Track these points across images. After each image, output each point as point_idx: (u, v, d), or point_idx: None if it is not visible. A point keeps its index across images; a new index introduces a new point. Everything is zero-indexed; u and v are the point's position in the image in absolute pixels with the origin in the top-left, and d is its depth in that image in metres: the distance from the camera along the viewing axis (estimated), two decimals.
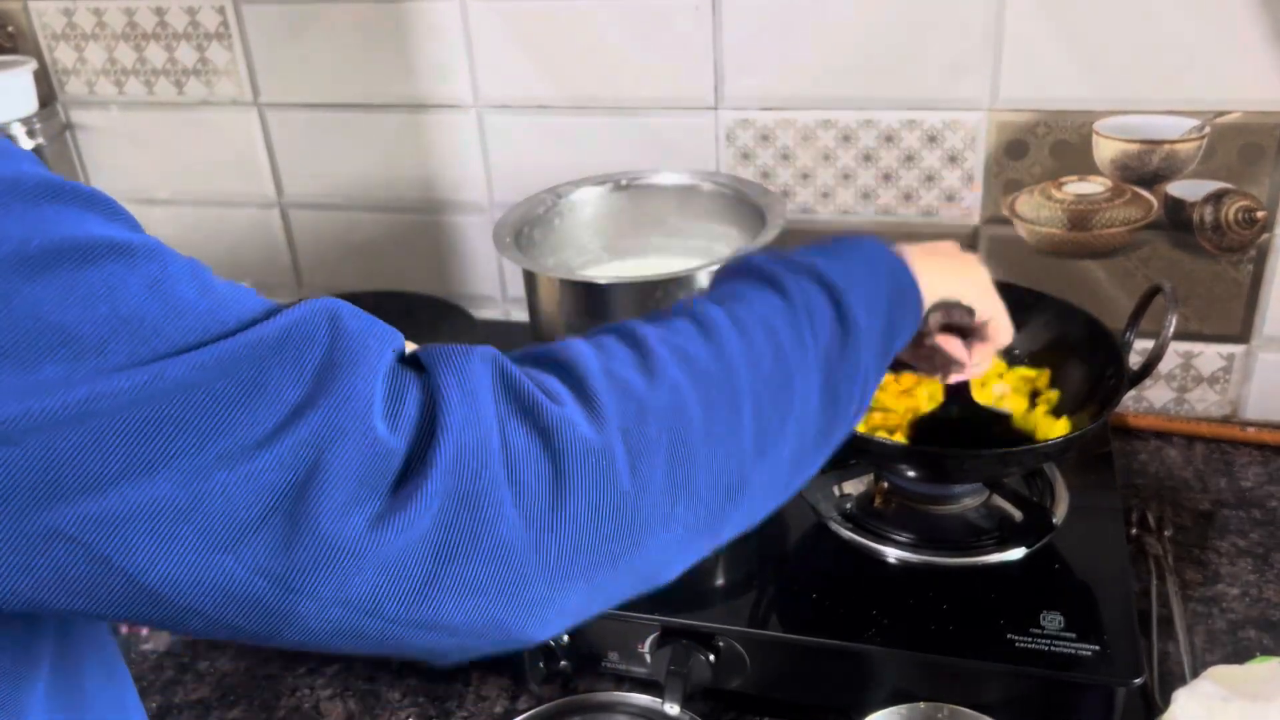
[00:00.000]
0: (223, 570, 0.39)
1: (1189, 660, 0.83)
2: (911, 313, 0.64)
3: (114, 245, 0.39)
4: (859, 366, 0.57)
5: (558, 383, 0.47)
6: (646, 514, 0.46)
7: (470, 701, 0.85)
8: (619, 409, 0.47)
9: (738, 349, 0.52)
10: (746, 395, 0.51)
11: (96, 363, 0.37)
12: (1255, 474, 1.04)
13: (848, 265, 0.60)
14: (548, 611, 0.45)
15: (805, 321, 0.56)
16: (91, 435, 0.36)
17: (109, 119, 1.33)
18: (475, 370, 0.45)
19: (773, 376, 0.53)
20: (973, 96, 1.05)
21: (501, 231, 1.00)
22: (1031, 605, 0.78)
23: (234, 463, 0.38)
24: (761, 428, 0.52)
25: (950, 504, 0.89)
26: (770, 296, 0.56)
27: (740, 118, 1.12)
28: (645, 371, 0.49)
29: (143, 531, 0.38)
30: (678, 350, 0.51)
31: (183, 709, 0.86)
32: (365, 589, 0.41)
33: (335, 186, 1.29)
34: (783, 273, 0.58)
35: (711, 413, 0.50)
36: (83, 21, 1.27)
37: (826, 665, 0.79)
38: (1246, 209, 1.03)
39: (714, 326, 0.53)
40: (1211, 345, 1.10)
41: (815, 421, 0.55)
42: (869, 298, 0.59)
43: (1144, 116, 1.02)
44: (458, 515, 0.42)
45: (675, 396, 0.49)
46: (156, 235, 0.42)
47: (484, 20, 1.14)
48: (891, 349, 0.62)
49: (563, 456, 0.44)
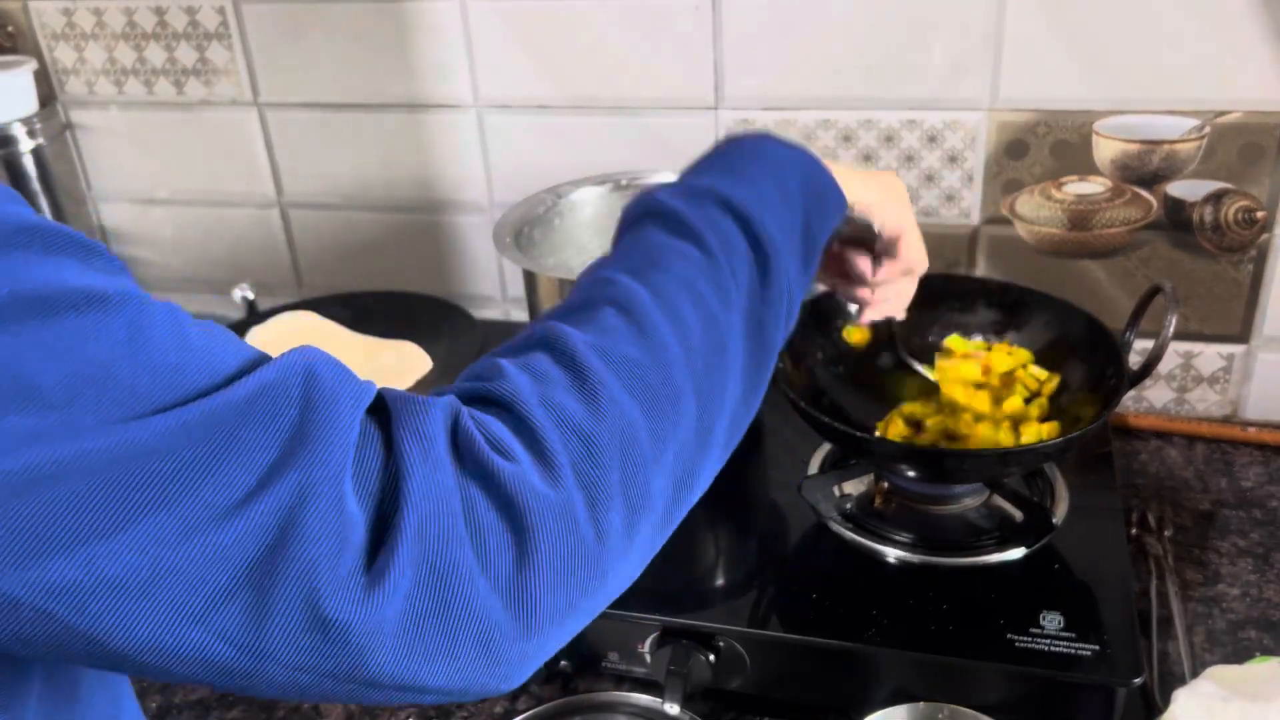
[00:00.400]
0: (190, 641, 0.38)
1: (1189, 660, 0.83)
2: (833, 204, 0.62)
3: (89, 295, 0.37)
4: (782, 294, 0.56)
5: (506, 431, 0.46)
6: (610, 552, 0.46)
7: (470, 701, 0.85)
8: (569, 451, 0.46)
9: (669, 333, 0.51)
10: (686, 381, 0.51)
11: (61, 419, 0.35)
12: (1255, 474, 1.04)
13: (752, 179, 0.58)
14: (523, 662, 0.45)
15: (725, 269, 0.54)
16: (53, 499, 0.35)
17: (109, 119, 1.33)
18: (436, 431, 0.44)
19: (706, 347, 0.52)
20: (973, 96, 1.05)
21: (501, 231, 1.00)
22: (1031, 605, 0.78)
23: (202, 531, 0.37)
24: (703, 409, 0.51)
25: (950, 504, 0.89)
26: (687, 248, 0.54)
27: (740, 118, 1.12)
28: (585, 396, 0.48)
29: (106, 602, 0.36)
30: (611, 357, 0.49)
31: (183, 709, 0.86)
32: (339, 659, 0.40)
33: (335, 186, 1.29)
34: (692, 212, 0.56)
35: (656, 416, 0.49)
36: (82, 21, 1.27)
37: (826, 665, 0.79)
38: (1246, 209, 1.03)
39: (642, 313, 0.51)
40: (1211, 345, 1.10)
41: (745, 370, 0.55)
42: (780, 209, 0.58)
43: (1144, 116, 1.02)
44: (429, 586, 0.41)
45: (619, 416, 0.48)
46: (157, 235, 0.42)
47: (484, 20, 1.14)
48: (814, 255, 0.60)
49: (523, 517, 0.44)
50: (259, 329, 1.11)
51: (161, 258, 1.39)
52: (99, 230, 1.38)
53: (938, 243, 1.13)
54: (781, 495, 0.93)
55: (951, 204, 1.11)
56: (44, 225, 0.38)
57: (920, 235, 0.73)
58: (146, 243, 1.38)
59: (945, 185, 1.10)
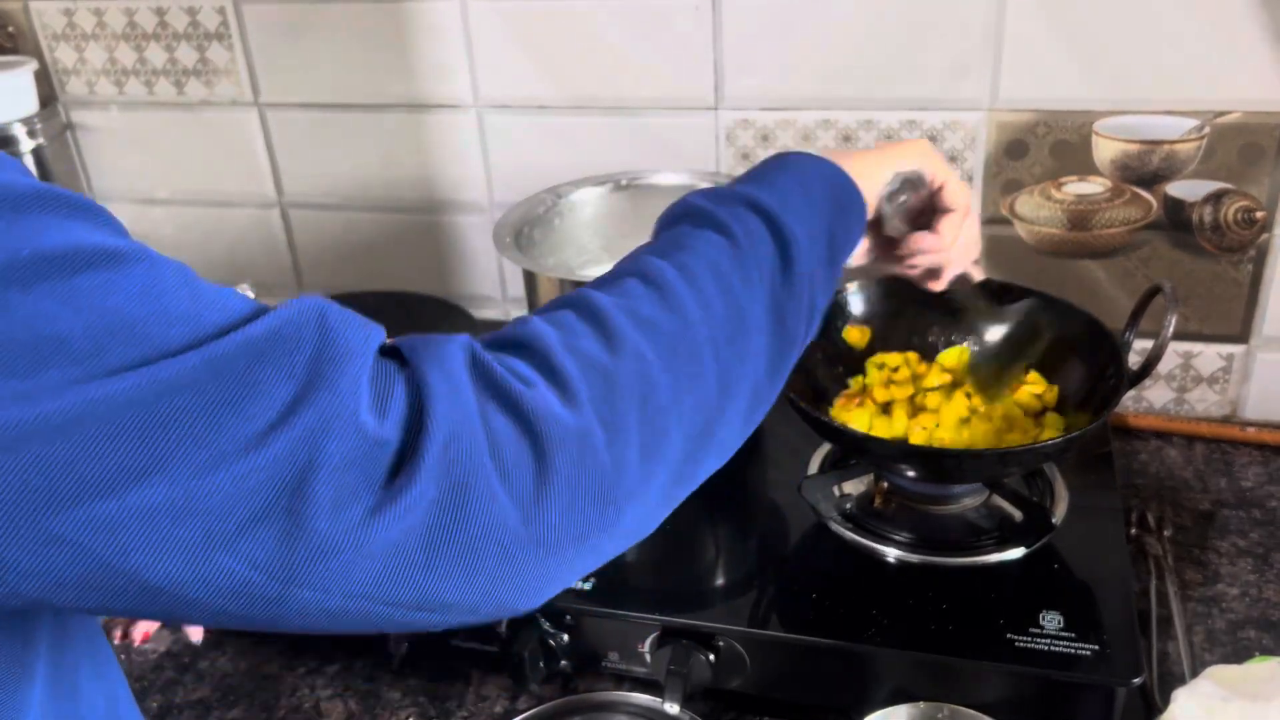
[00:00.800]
0: (222, 567, 0.40)
1: (1188, 660, 0.83)
2: (856, 215, 0.66)
3: (104, 251, 0.39)
4: (804, 286, 0.59)
5: (526, 366, 0.49)
6: (627, 484, 0.48)
7: (470, 701, 0.85)
8: (588, 386, 0.48)
9: (690, 301, 0.54)
10: (705, 345, 0.53)
11: (90, 368, 0.37)
12: (1255, 474, 1.04)
13: (780, 187, 0.61)
14: (541, 582, 0.47)
15: (749, 255, 0.57)
16: (86, 441, 0.37)
17: (109, 119, 1.33)
18: (453, 360, 0.46)
19: (726, 318, 0.54)
20: (973, 96, 1.05)
21: (501, 231, 1.00)
22: (1031, 605, 0.78)
23: (228, 462, 0.39)
24: (723, 372, 0.53)
25: (950, 504, 0.89)
26: (712, 235, 0.58)
27: (740, 118, 1.12)
28: (607, 343, 0.50)
29: (140, 534, 0.38)
30: (634, 315, 0.52)
31: (183, 709, 0.86)
32: (364, 578, 0.42)
33: (335, 186, 1.29)
34: (718, 209, 0.59)
35: (676, 371, 0.51)
36: (83, 22, 1.27)
37: (826, 665, 0.79)
38: (1246, 209, 1.03)
39: (664, 282, 0.54)
40: (1211, 345, 1.10)
41: (768, 351, 0.57)
42: (806, 214, 0.61)
43: (1144, 117, 1.02)
44: (451, 502, 0.43)
45: (639, 364, 0.50)
46: (157, 235, 0.43)
47: (484, 20, 1.14)
48: (839, 260, 0.64)
49: (543, 438, 0.46)
50: None
51: None
52: None
53: None
54: (781, 495, 0.93)
55: None
56: (54, 191, 0.40)
57: (958, 175, 0.76)
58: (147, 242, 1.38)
59: None
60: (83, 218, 0.40)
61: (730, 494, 0.92)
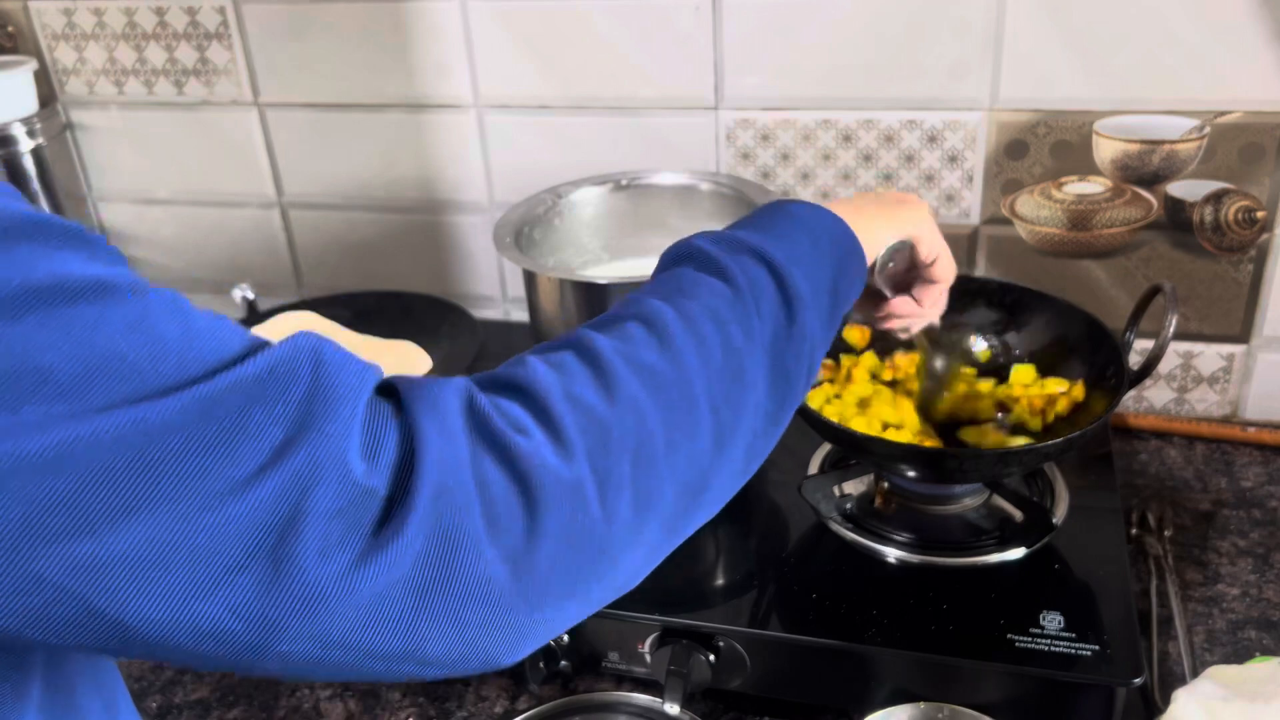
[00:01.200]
0: (204, 613, 0.39)
1: (1189, 660, 0.83)
2: (858, 274, 0.66)
3: (96, 283, 0.38)
4: (805, 341, 0.58)
5: (523, 412, 0.47)
6: (617, 537, 0.48)
7: (470, 702, 0.85)
8: (584, 436, 0.47)
9: (690, 348, 0.53)
10: (702, 395, 0.52)
11: (77, 404, 0.36)
12: (1255, 474, 1.04)
13: (788, 238, 0.61)
14: (529, 635, 0.46)
15: (752, 305, 0.56)
16: (72, 480, 0.36)
17: (109, 119, 1.33)
18: (449, 406, 0.45)
19: (725, 369, 0.54)
20: (973, 96, 1.05)
21: (501, 231, 1.00)
22: (1031, 605, 0.78)
23: (214, 507, 0.38)
24: (719, 424, 0.53)
25: (950, 504, 0.89)
26: (715, 283, 0.57)
27: (740, 118, 1.12)
28: (604, 391, 0.49)
29: (124, 577, 0.37)
30: (633, 361, 0.51)
31: (183, 709, 0.86)
32: (348, 628, 0.41)
33: (335, 186, 1.29)
34: (724, 256, 0.58)
35: (672, 422, 0.50)
36: (83, 21, 1.27)
37: (826, 665, 0.79)
38: (1246, 209, 1.03)
39: (664, 328, 0.53)
40: (1211, 345, 1.10)
41: (766, 404, 0.56)
42: (813, 270, 0.60)
43: (1144, 117, 1.02)
44: (439, 554, 0.42)
45: (636, 414, 0.49)
46: (157, 235, 0.42)
47: (484, 20, 1.14)
48: (839, 315, 0.63)
49: (535, 490, 0.45)
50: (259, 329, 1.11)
51: (162, 258, 1.39)
52: (99, 230, 1.38)
53: None
54: (781, 495, 0.93)
55: (951, 204, 1.11)
56: (47, 219, 0.39)
57: (947, 247, 0.76)
58: (147, 243, 1.39)
59: (945, 185, 1.10)
60: (75, 247, 0.39)
61: None
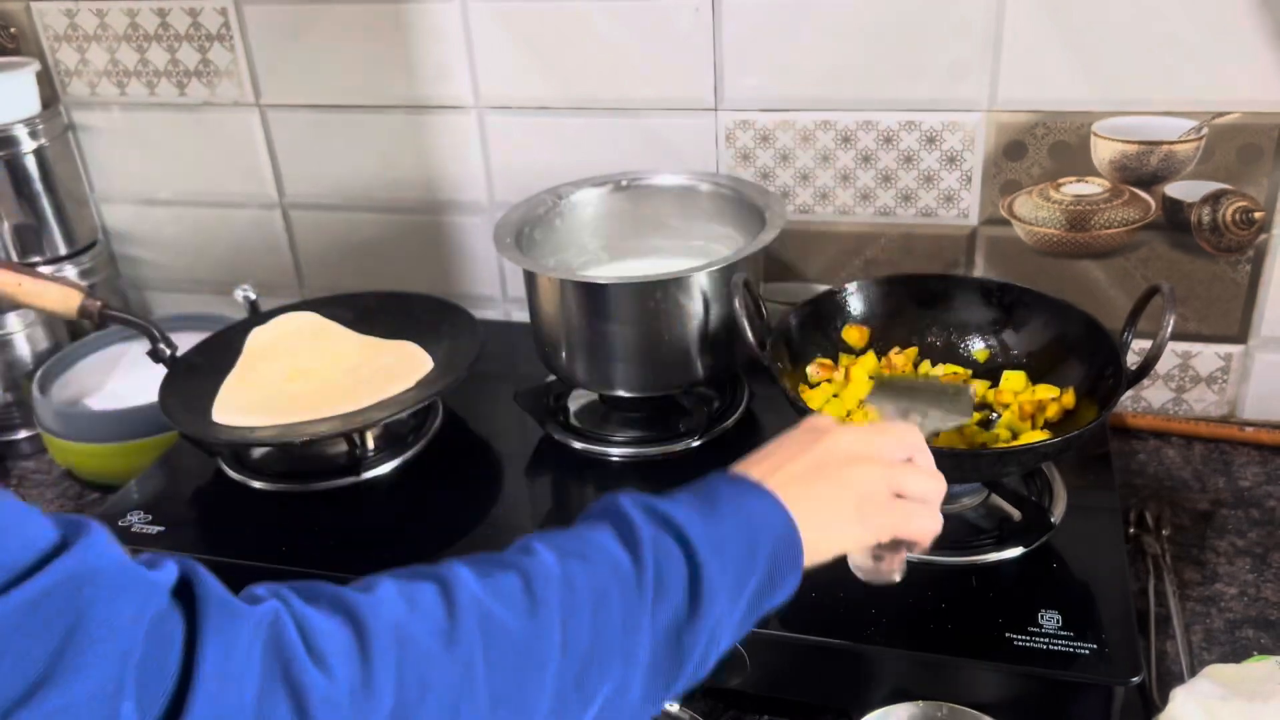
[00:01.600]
0: None
1: (1187, 659, 0.83)
2: (789, 583, 0.60)
3: None
4: (702, 639, 0.55)
5: (343, 642, 0.45)
6: None
7: None
8: (398, 686, 0.45)
9: (555, 628, 0.51)
10: (551, 677, 0.50)
11: None
12: (1253, 474, 1.05)
13: (722, 528, 0.57)
14: None
15: (652, 597, 0.53)
16: None
17: (111, 120, 1.33)
18: (246, 630, 0.43)
19: (586, 657, 0.51)
20: (972, 97, 1.05)
21: (502, 232, 1.01)
22: (1030, 604, 0.78)
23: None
24: (557, 707, 0.50)
25: (949, 504, 0.89)
26: (622, 559, 0.54)
27: (740, 118, 1.12)
28: (444, 638, 0.47)
29: None
30: (489, 618, 0.49)
31: None
32: None
33: (336, 187, 1.29)
34: (646, 532, 0.55)
35: (501, 691, 0.48)
36: (85, 23, 1.27)
37: (826, 664, 0.79)
38: (1244, 209, 1.03)
39: (541, 593, 0.51)
40: (1209, 345, 1.10)
41: (636, 693, 0.53)
42: (736, 570, 0.56)
43: (1142, 117, 1.02)
44: None
45: (466, 672, 0.47)
46: (157, 235, 0.41)
47: (484, 20, 1.15)
48: (750, 621, 0.59)
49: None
50: (261, 329, 1.11)
51: (163, 258, 1.39)
52: (101, 230, 1.38)
53: (936, 244, 1.13)
54: None
55: (950, 205, 1.11)
56: None
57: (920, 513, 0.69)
58: (148, 243, 1.39)
59: (944, 186, 1.10)
60: None
61: None
